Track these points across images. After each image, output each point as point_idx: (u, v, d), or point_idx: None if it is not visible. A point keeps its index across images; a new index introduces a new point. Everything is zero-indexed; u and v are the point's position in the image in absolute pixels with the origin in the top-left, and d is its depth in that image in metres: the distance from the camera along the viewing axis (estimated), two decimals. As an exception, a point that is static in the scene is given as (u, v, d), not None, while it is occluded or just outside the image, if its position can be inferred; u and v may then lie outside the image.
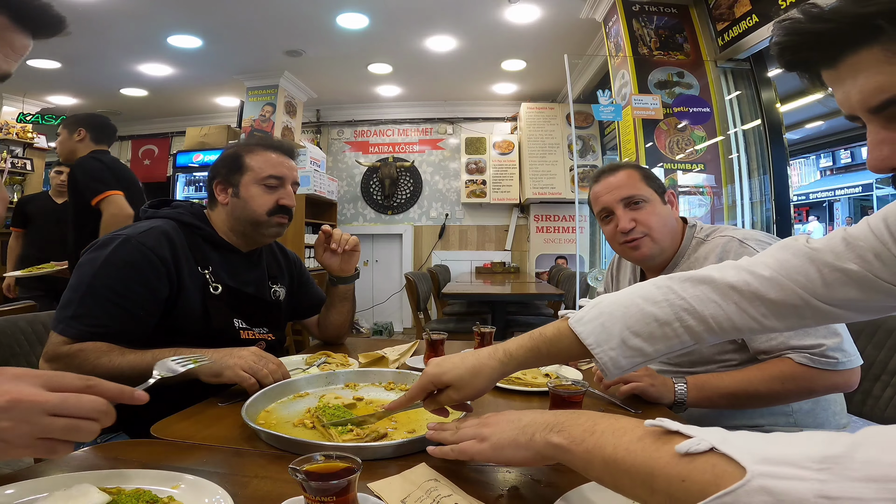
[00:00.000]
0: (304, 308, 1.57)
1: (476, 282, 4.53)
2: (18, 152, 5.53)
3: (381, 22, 3.94)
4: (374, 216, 6.12)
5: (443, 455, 0.65)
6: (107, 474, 0.61)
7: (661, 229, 1.19)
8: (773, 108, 3.17)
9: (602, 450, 0.49)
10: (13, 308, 1.38)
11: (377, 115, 6.11)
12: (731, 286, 0.69)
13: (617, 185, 1.22)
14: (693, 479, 0.41)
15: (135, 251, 1.09)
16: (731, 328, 0.70)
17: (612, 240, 1.25)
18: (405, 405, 0.79)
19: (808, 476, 0.35)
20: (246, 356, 1.02)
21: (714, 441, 0.41)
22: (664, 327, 0.71)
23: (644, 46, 3.25)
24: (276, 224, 1.29)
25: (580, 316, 0.75)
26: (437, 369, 0.76)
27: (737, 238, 1.12)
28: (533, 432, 0.57)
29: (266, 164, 1.27)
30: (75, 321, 1.03)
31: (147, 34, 4.14)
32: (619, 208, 1.21)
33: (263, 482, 0.65)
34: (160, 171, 6.50)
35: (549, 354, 0.76)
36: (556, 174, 5.34)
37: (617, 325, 0.72)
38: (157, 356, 1.02)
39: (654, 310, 0.71)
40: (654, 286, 0.74)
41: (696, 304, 0.70)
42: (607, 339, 0.71)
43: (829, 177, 12.18)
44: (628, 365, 0.72)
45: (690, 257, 1.19)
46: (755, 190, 3.21)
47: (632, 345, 0.71)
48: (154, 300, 1.10)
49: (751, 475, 0.37)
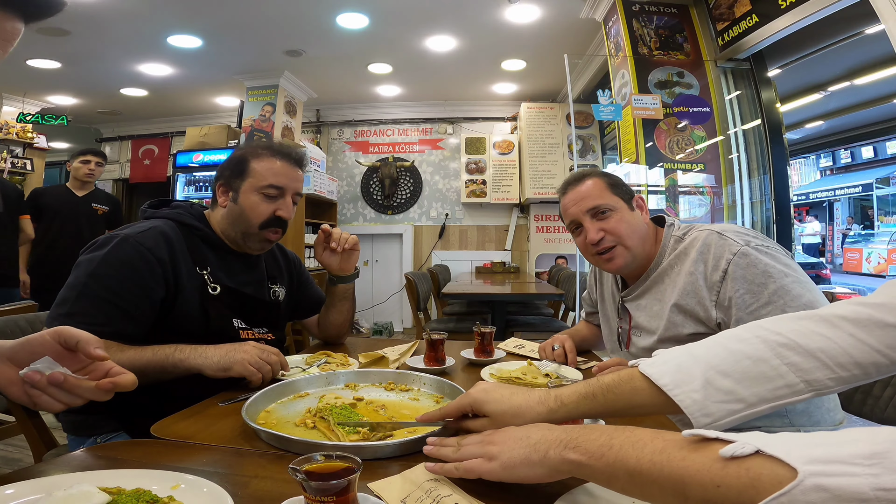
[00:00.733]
0: (303, 308, 1.56)
1: (476, 282, 4.52)
2: (18, 152, 5.53)
3: (381, 22, 3.94)
4: (374, 216, 6.12)
5: (446, 473, 0.62)
6: (107, 474, 0.61)
7: (632, 236, 1.18)
8: (773, 107, 3.17)
9: (625, 463, 0.49)
10: (13, 308, 1.38)
11: (377, 114, 6.11)
12: (840, 316, 0.59)
13: (584, 195, 1.21)
14: (732, 485, 0.42)
15: (132, 251, 1.09)
16: (851, 363, 0.57)
17: (585, 251, 1.24)
18: (436, 420, 0.75)
19: (861, 472, 0.36)
20: (251, 350, 1.04)
21: (758, 444, 0.41)
22: (760, 365, 0.59)
23: (644, 46, 3.25)
24: (264, 238, 1.28)
25: (651, 361, 0.66)
26: (484, 396, 0.71)
27: (715, 231, 1.11)
28: (546, 449, 0.56)
29: (269, 172, 1.25)
30: (69, 319, 1.02)
31: (147, 34, 4.14)
32: (587, 220, 1.20)
33: (263, 482, 0.65)
34: (160, 170, 6.51)
35: (607, 403, 0.67)
36: (556, 174, 5.33)
37: (699, 364, 0.61)
38: (157, 352, 1.03)
39: (742, 347, 0.61)
40: (740, 328, 0.65)
41: (798, 338, 0.59)
42: (687, 380, 0.61)
43: (829, 177, 12.18)
44: (721, 413, 0.59)
45: (671, 255, 1.18)
46: (755, 190, 3.21)
47: (720, 386, 0.59)
48: (149, 301, 1.10)
49: (803, 475, 0.38)
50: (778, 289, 0.98)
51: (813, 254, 11.81)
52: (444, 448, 0.65)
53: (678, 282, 1.12)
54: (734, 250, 1.03)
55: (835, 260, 12.18)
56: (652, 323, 1.18)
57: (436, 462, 0.64)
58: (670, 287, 1.14)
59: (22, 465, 2.32)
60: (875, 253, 10.41)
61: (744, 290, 1.01)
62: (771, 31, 2.73)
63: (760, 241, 1.06)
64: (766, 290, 0.98)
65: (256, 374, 1.02)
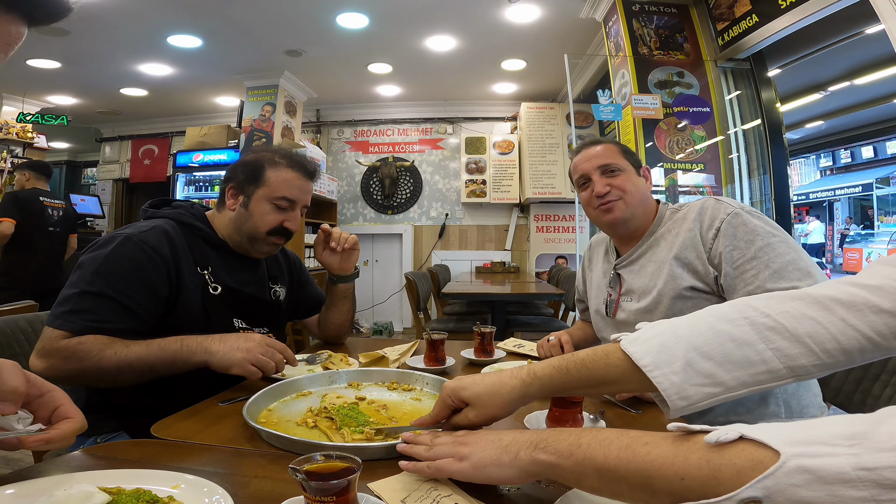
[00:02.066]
0: (304, 308, 1.57)
1: (476, 282, 4.52)
2: (18, 152, 5.53)
3: (381, 22, 3.94)
4: (374, 216, 6.12)
5: (417, 471, 0.62)
6: (107, 474, 0.61)
7: (635, 195, 1.25)
8: (773, 107, 3.17)
9: (593, 461, 0.50)
10: (13, 308, 1.38)
11: (377, 114, 6.11)
12: (834, 298, 0.56)
13: (595, 154, 1.28)
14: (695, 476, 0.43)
15: (136, 249, 1.09)
16: (837, 350, 0.55)
17: (588, 205, 1.30)
18: (430, 424, 0.75)
19: (842, 452, 0.37)
20: (254, 348, 1.03)
21: (742, 430, 0.42)
22: (744, 348, 0.57)
23: (644, 46, 3.25)
24: (271, 243, 1.28)
25: (634, 336, 0.64)
26: (457, 383, 0.72)
27: (713, 197, 1.18)
28: (517, 451, 0.57)
29: (284, 183, 1.25)
30: (74, 315, 1.01)
31: (147, 34, 4.14)
32: (596, 175, 1.27)
33: (263, 482, 0.65)
34: (160, 170, 6.51)
35: (580, 378, 0.65)
36: (556, 174, 5.33)
37: (681, 344, 0.59)
38: (165, 346, 1.02)
39: (728, 328, 0.59)
40: (729, 305, 0.62)
41: (786, 321, 0.57)
42: (668, 361, 0.58)
43: (829, 176, 12.18)
44: (698, 396, 0.58)
45: (666, 225, 1.24)
46: (755, 190, 3.21)
47: (701, 369, 0.58)
48: (154, 299, 1.10)
49: (786, 456, 0.38)
50: (764, 245, 1.04)
51: (814, 254, 11.81)
52: (417, 447, 0.66)
53: (678, 238, 1.18)
54: (728, 211, 1.11)
55: (834, 260, 12.18)
56: (648, 283, 1.22)
57: (409, 460, 0.64)
58: (668, 247, 1.20)
59: (22, 466, 2.32)
60: (875, 253, 10.41)
61: (732, 246, 1.08)
62: (771, 31, 2.73)
63: (754, 210, 1.13)
64: (753, 247, 1.05)
65: (256, 374, 1.01)
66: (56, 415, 0.65)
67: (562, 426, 0.80)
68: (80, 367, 0.98)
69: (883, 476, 0.35)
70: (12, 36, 0.54)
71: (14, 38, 0.54)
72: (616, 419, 0.91)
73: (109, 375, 1.00)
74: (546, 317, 3.96)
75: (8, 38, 0.53)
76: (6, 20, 0.53)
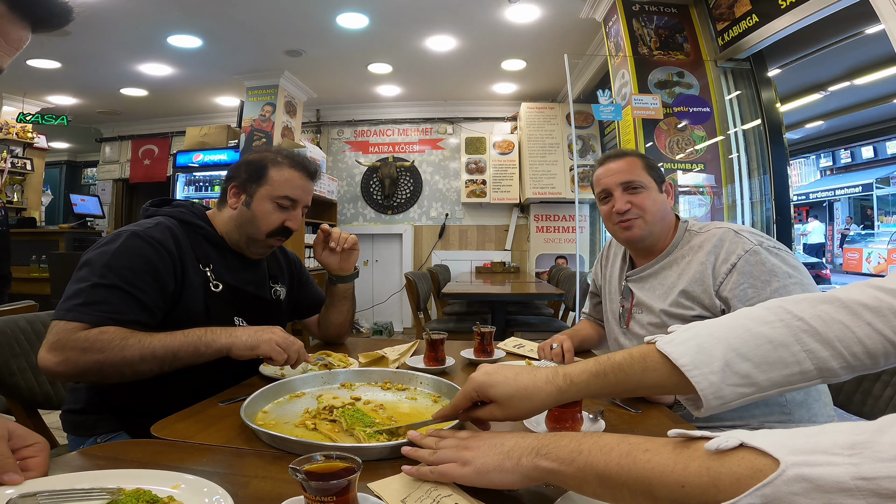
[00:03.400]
0: (303, 308, 1.57)
1: (476, 282, 4.52)
2: (18, 152, 5.53)
3: (381, 22, 3.94)
4: (374, 216, 6.12)
5: (420, 476, 0.62)
6: (107, 474, 0.61)
7: (655, 214, 1.25)
8: (773, 107, 3.17)
9: (594, 467, 0.51)
10: (13, 308, 1.38)
11: (377, 114, 6.11)
12: (861, 304, 0.58)
13: (618, 169, 1.27)
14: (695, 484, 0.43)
15: (145, 244, 1.09)
16: (864, 353, 0.57)
17: (608, 219, 1.31)
18: (450, 416, 0.73)
19: (841, 461, 0.37)
20: (278, 332, 1.06)
21: (742, 438, 0.42)
22: (780, 350, 0.58)
23: (644, 46, 3.25)
24: (268, 245, 1.30)
25: (669, 338, 0.64)
26: (487, 379, 0.69)
27: (732, 229, 1.16)
28: (519, 456, 0.57)
29: (286, 183, 1.26)
30: (89, 307, 0.99)
31: (147, 34, 4.14)
32: (618, 191, 1.26)
33: (263, 482, 0.65)
34: (160, 170, 6.51)
35: (618, 382, 0.65)
36: (556, 174, 5.34)
37: (719, 345, 0.60)
38: (189, 335, 1.02)
39: (765, 330, 0.60)
40: (763, 308, 0.63)
41: (818, 325, 0.58)
42: (707, 361, 0.59)
43: (829, 177, 12.18)
44: (732, 396, 0.59)
45: (684, 247, 1.24)
46: (755, 190, 3.21)
47: (738, 370, 0.59)
48: (162, 293, 1.10)
49: (785, 465, 0.38)
50: (780, 287, 1.02)
51: (814, 254, 11.81)
52: (421, 451, 0.66)
53: (689, 270, 1.17)
54: (746, 248, 1.09)
55: (835, 260, 12.18)
56: (655, 304, 1.22)
57: (413, 464, 0.64)
58: (679, 275, 1.20)
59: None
60: (875, 253, 10.42)
61: (747, 284, 1.06)
62: (771, 31, 2.73)
63: (773, 244, 1.11)
64: (769, 287, 1.03)
65: (282, 355, 1.03)
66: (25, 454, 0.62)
67: (561, 425, 0.80)
68: (98, 359, 0.95)
69: (881, 486, 0.35)
70: (15, 40, 0.54)
71: (18, 42, 0.55)
72: (616, 419, 0.91)
73: (131, 365, 0.98)
74: (546, 317, 3.96)
75: (11, 42, 0.54)
76: (11, 23, 0.53)
